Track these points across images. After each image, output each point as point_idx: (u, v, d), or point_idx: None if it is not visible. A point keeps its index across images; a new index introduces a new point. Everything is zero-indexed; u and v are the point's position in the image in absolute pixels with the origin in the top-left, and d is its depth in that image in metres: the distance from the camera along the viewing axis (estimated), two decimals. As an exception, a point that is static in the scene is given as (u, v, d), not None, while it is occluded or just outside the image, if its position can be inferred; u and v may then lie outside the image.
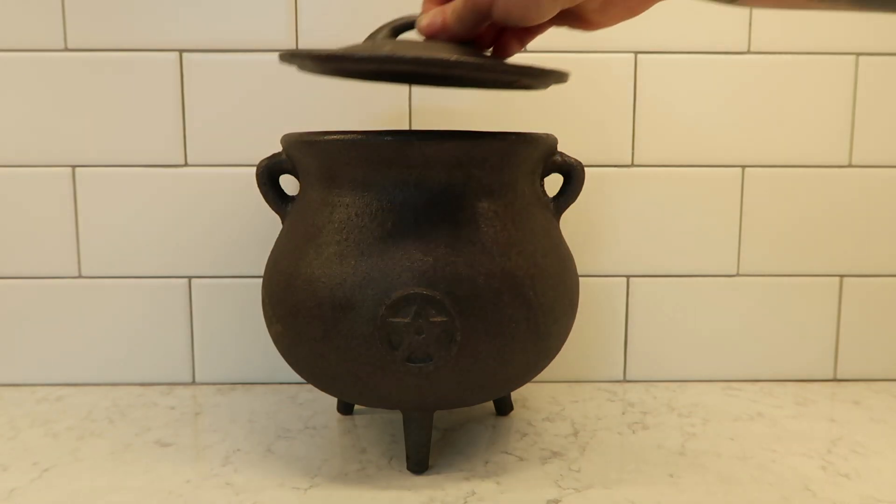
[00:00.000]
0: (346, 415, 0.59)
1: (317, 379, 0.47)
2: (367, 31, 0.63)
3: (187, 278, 0.66)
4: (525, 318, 0.44)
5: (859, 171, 0.66)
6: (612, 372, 0.68)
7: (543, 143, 0.48)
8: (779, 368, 0.68)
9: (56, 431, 0.55)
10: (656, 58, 0.64)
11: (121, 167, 0.64)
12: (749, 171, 0.66)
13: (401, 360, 0.43)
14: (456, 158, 0.44)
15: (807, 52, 0.64)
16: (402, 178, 0.44)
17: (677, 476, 0.48)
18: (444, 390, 0.44)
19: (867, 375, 0.68)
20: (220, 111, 0.64)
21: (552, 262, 0.47)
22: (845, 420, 0.58)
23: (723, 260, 0.67)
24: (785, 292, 0.67)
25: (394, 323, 0.42)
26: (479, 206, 0.45)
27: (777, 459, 0.50)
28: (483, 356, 0.44)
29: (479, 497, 0.45)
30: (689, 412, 0.60)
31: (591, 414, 0.59)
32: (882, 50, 0.64)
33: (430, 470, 0.49)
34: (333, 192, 0.46)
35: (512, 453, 0.51)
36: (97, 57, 0.63)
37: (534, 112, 0.65)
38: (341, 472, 0.48)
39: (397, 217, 0.44)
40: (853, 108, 0.65)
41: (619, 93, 0.65)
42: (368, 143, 0.44)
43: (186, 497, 0.45)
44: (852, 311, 0.68)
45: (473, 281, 0.43)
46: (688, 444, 0.53)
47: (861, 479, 0.47)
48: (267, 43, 0.63)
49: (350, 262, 0.43)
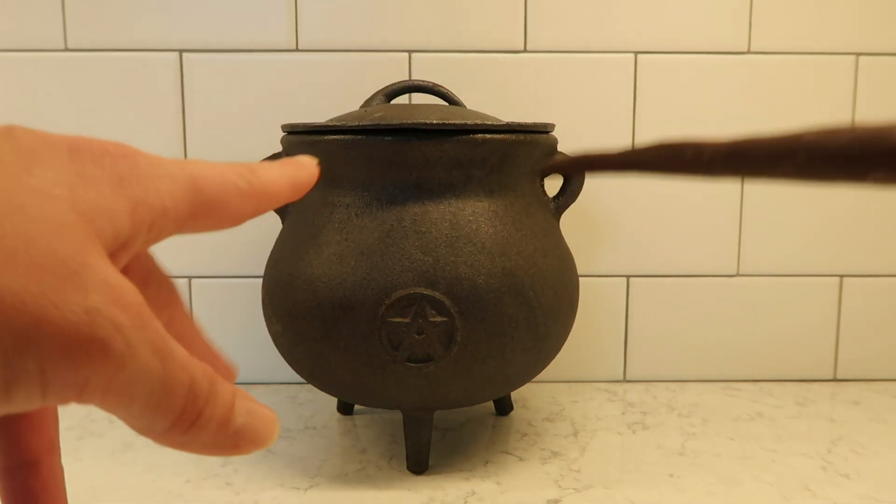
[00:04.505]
0: (346, 415, 0.59)
1: (317, 379, 0.47)
2: (366, 30, 0.63)
3: (187, 278, 0.66)
4: (525, 318, 0.44)
5: (859, 171, 0.66)
6: (612, 372, 0.68)
7: (543, 144, 0.48)
8: (779, 368, 0.68)
9: (56, 431, 0.55)
10: (656, 58, 0.64)
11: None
12: (749, 171, 0.66)
13: (401, 360, 0.43)
14: (456, 158, 0.44)
15: (807, 52, 0.64)
16: (402, 178, 0.44)
17: (677, 476, 0.48)
18: (444, 390, 0.44)
19: (867, 375, 0.68)
20: (220, 111, 0.64)
21: (552, 262, 0.47)
22: (845, 420, 0.58)
23: (723, 260, 0.67)
24: (785, 292, 0.67)
25: (394, 323, 0.42)
26: (479, 206, 0.45)
27: (777, 459, 0.50)
28: (483, 356, 0.44)
29: (479, 497, 0.45)
30: (689, 412, 0.60)
31: (591, 414, 0.59)
32: (882, 50, 0.64)
33: (430, 470, 0.49)
34: (333, 192, 0.46)
35: (512, 453, 0.51)
36: (97, 57, 0.63)
37: (534, 112, 0.65)
38: (341, 472, 0.48)
39: (397, 217, 0.44)
40: (853, 108, 0.65)
41: (619, 93, 0.65)
42: (368, 143, 0.44)
43: (186, 497, 0.45)
44: (852, 311, 0.68)
45: (473, 281, 0.43)
46: (688, 444, 0.53)
47: (861, 479, 0.47)
48: (267, 43, 0.63)
49: (350, 262, 0.43)
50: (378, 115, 0.46)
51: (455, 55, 0.64)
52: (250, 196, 0.20)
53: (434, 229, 0.44)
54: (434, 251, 0.43)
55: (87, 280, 0.15)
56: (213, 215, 0.19)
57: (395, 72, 0.64)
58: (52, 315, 0.14)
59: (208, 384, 0.17)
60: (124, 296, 0.16)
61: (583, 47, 0.64)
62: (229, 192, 0.19)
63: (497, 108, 0.64)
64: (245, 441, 0.18)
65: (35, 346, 0.14)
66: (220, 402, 0.17)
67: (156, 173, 0.18)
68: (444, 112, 0.48)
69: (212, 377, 0.17)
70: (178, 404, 0.16)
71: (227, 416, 0.17)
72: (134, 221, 0.17)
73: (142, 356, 0.16)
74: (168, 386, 0.16)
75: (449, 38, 0.64)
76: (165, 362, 0.16)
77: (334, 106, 0.64)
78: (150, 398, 0.16)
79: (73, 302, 0.15)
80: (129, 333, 0.15)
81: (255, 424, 0.18)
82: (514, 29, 0.64)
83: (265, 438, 0.18)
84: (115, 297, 0.15)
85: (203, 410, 0.17)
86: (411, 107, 0.48)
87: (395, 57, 0.64)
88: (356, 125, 0.44)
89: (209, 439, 0.17)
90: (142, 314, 0.16)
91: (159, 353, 0.16)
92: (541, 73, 0.64)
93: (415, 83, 0.54)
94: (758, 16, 0.64)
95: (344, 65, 0.64)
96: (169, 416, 0.16)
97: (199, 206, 0.19)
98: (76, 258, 0.15)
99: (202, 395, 0.17)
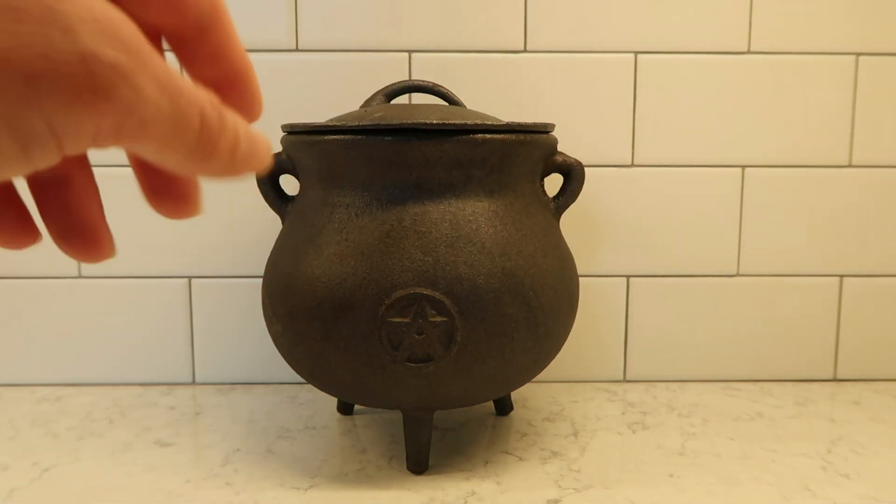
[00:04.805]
0: (346, 415, 0.59)
1: (317, 379, 0.47)
2: (366, 30, 0.63)
3: (187, 278, 0.66)
4: (525, 318, 0.44)
5: (859, 171, 0.66)
6: (612, 372, 0.68)
7: (543, 144, 0.48)
8: (779, 368, 0.68)
9: (56, 431, 0.55)
10: (656, 58, 0.64)
11: (121, 167, 0.64)
12: (749, 171, 0.66)
13: (401, 360, 0.43)
14: (456, 158, 0.44)
15: (807, 52, 0.64)
16: (402, 178, 0.44)
17: (677, 476, 0.48)
18: (444, 390, 0.44)
19: (867, 375, 0.68)
20: (220, 111, 0.64)
21: (552, 262, 0.47)
22: (845, 420, 0.58)
23: (723, 260, 0.67)
24: (785, 292, 0.67)
25: (394, 323, 0.42)
26: (479, 206, 0.45)
27: (777, 459, 0.50)
28: (483, 356, 0.44)
29: (479, 497, 0.45)
30: (689, 412, 0.60)
31: (591, 414, 0.59)
32: (882, 50, 0.64)
33: (430, 470, 0.49)
34: (333, 192, 0.46)
35: (512, 453, 0.51)
36: (97, 57, 0.63)
37: (534, 112, 0.64)
38: (341, 472, 0.48)
39: (397, 217, 0.44)
40: (853, 108, 0.65)
41: (619, 93, 0.65)
42: (368, 143, 0.44)
43: (186, 497, 0.45)
44: (852, 311, 0.68)
45: (473, 281, 0.43)
46: (688, 444, 0.53)
47: (861, 479, 0.47)
48: (267, 43, 0.63)
49: (350, 262, 0.43)
50: (378, 115, 0.46)
51: (455, 55, 0.64)
52: None
53: (434, 229, 0.44)
54: (434, 251, 0.43)
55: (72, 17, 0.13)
56: None
57: (395, 72, 0.64)
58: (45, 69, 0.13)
59: (218, 116, 0.17)
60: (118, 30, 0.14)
61: (583, 47, 0.64)
62: None
63: (497, 108, 0.64)
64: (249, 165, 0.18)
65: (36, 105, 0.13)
66: (230, 133, 0.17)
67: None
68: (444, 112, 0.48)
69: (219, 108, 0.17)
70: (191, 139, 0.16)
71: (235, 145, 0.18)
72: None
73: (149, 97, 0.15)
74: (180, 123, 0.16)
75: (449, 38, 0.64)
76: (174, 100, 0.16)
77: (334, 106, 0.64)
78: (163, 136, 0.16)
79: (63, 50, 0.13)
80: (131, 75, 0.14)
81: (256, 148, 0.18)
82: (514, 29, 0.64)
83: (264, 160, 0.19)
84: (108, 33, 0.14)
85: (217, 143, 0.17)
86: (411, 107, 0.48)
87: (395, 57, 0.64)
88: (356, 125, 0.44)
89: (220, 167, 0.18)
90: (141, 50, 0.15)
91: (167, 91, 0.15)
92: (541, 73, 0.64)
93: (415, 83, 0.54)
94: (758, 16, 0.64)
95: (344, 65, 0.64)
96: (183, 150, 0.16)
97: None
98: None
99: (214, 129, 0.17)
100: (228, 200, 0.65)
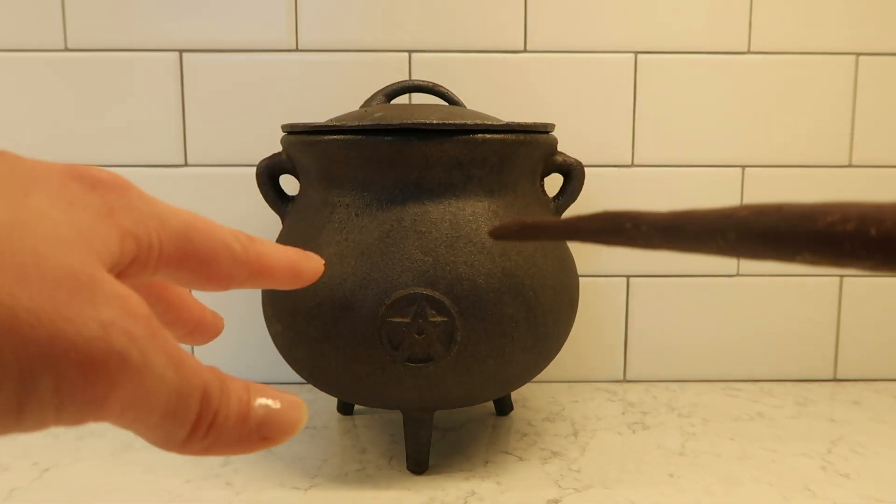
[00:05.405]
0: (346, 415, 0.59)
1: (317, 379, 0.47)
2: (366, 30, 0.63)
3: (187, 278, 0.66)
4: (525, 318, 0.44)
5: (859, 171, 0.66)
6: (612, 372, 0.68)
7: (543, 144, 0.48)
8: (779, 368, 0.68)
9: (56, 431, 0.55)
10: (656, 58, 0.64)
11: (121, 167, 0.64)
12: (749, 171, 0.66)
13: (401, 360, 0.43)
14: (456, 158, 0.44)
15: (807, 52, 0.64)
16: (402, 178, 0.44)
17: (677, 476, 0.48)
18: (444, 390, 0.44)
19: (867, 375, 0.68)
20: (220, 111, 0.64)
21: (552, 262, 0.47)
22: (845, 420, 0.58)
23: (723, 260, 0.67)
24: (785, 292, 0.67)
25: (394, 323, 0.42)
26: (479, 206, 0.45)
27: (777, 459, 0.50)
28: (483, 356, 0.44)
29: (479, 497, 0.45)
30: (689, 412, 0.60)
31: (591, 414, 0.59)
32: (882, 50, 0.64)
33: (430, 470, 0.49)
34: (333, 192, 0.46)
35: (512, 453, 0.51)
36: (97, 57, 0.63)
37: (534, 112, 0.64)
38: (341, 472, 0.48)
39: (397, 217, 0.44)
40: (853, 108, 0.65)
41: (619, 93, 0.65)
42: (368, 143, 0.44)
43: (186, 497, 0.45)
44: (852, 311, 0.68)
45: (473, 281, 0.43)
46: (688, 444, 0.53)
47: (861, 479, 0.47)
48: (267, 43, 0.63)
49: (350, 262, 0.43)
50: (378, 115, 0.46)
51: (455, 55, 0.64)
52: (243, 261, 0.20)
53: (434, 229, 0.44)
54: (434, 251, 0.43)
55: (98, 293, 0.15)
56: (200, 269, 0.19)
57: (395, 72, 0.64)
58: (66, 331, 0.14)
59: (219, 384, 0.17)
60: (135, 307, 0.15)
61: (583, 47, 0.64)
62: (221, 250, 0.19)
63: (497, 108, 0.64)
64: (273, 431, 0.18)
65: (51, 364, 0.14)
66: (233, 398, 0.17)
67: (148, 210, 0.17)
68: (444, 112, 0.48)
69: (221, 377, 0.17)
70: (193, 410, 0.16)
71: (244, 411, 0.17)
72: (122, 250, 0.17)
73: (157, 366, 0.15)
74: (184, 393, 0.16)
75: (449, 38, 0.64)
76: (179, 369, 0.16)
77: (334, 106, 0.64)
78: (167, 408, 0.16)
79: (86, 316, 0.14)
80: (144, 344, 0.15)
81: (278, 413, 0.18)
82: (514, 29, 0.64)
83: (294, 424, 0.18)
84: (126, 308, 0.15)
85: (218, 410, 0.17)
86: (411, 107, 0.48)
87: (395, 57, 0.64)
88: (356, 125, 0.44)
89: (232, 437, 0.17)
90: (152, 324, 0.16)
91: (172, 361, 0.16)
92: (541, 73, 0.64)
93: (415, 83, 0.54)
94: (758, 16, 0.64)
95: (344, 65, 0.64)
96: (187, 423, 0.16)
97: (188, 254, 0.18)
98: (85, 271, 0.15)
99: (215, 396, 0.17)
100: (228, 200, 0.65)
